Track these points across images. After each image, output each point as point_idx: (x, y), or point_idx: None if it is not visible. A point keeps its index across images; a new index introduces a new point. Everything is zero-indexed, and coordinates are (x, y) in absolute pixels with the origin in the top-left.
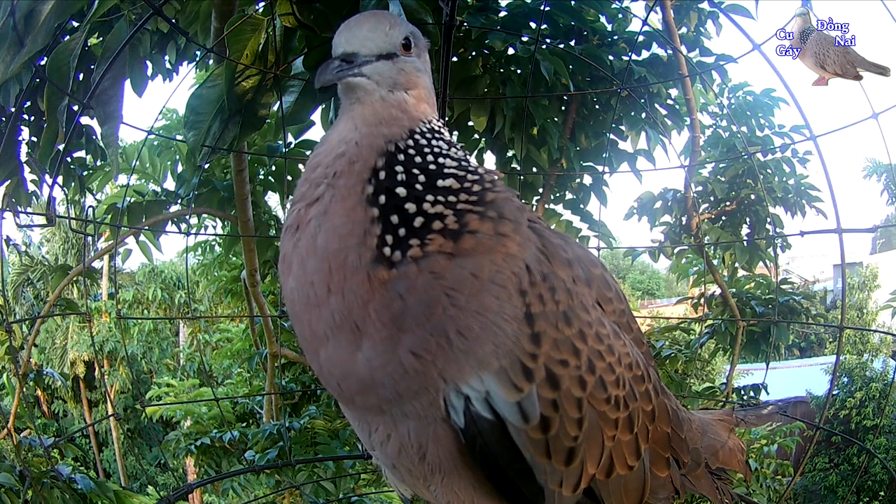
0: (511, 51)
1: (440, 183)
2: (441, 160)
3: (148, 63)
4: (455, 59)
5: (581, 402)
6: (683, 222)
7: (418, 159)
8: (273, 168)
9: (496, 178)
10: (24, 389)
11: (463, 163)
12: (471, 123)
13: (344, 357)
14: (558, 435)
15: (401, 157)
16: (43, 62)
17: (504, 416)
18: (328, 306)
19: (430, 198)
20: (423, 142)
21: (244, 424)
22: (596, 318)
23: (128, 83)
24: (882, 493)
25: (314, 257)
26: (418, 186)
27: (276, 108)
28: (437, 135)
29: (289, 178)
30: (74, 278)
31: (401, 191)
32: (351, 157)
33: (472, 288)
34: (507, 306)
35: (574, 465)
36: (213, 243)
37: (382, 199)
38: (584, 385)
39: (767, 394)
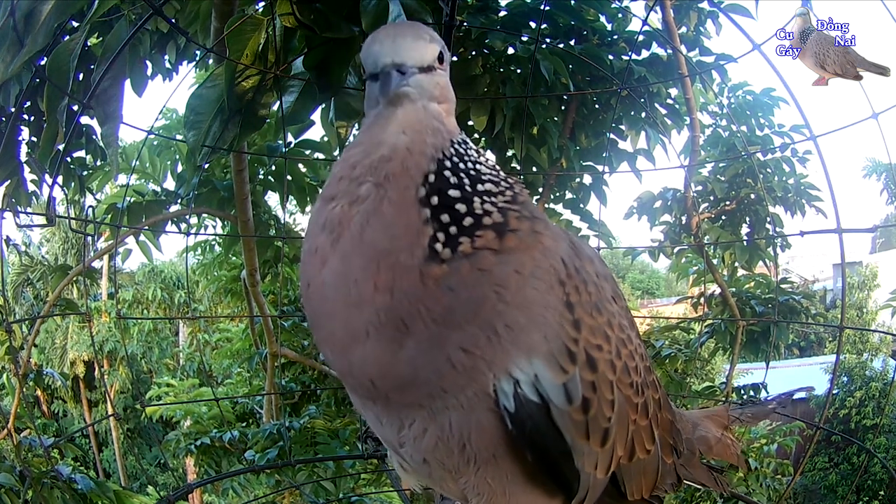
0: (511, 50)
1: (480, 187)
2: (478, 167)
3: (148, 63)
4: (455, 58)
5: (613, 385)
6: (683, 222)
7: (462, 166)
8: (273, 168)
9: (518, 180)
10: (24, 389)
11: (494, 169)
12: (471, 123)
13: (384, 356)
14: (596, 416)
15: (448, 163)
16: (43, 62)
17: (549, 398)
18: (372, 304)
19: (477, 200)
20: (462, 150)
21: (244, 424)
22: (616, 310)
23: (128, 83)
24: (882, 493)
25: (360, 255)
26: (468, 188)
27: (276, 108)
28: (467, 145)
29: (289, 177)
30: (74, 278)
31: (453, 192)
32: (404, 161)
33: (517, 284)
34: (549, 297)
35: (608, 446)
36: (213, 243)
37: (435, 199)
38: (614, 369)
39: (767, 393)
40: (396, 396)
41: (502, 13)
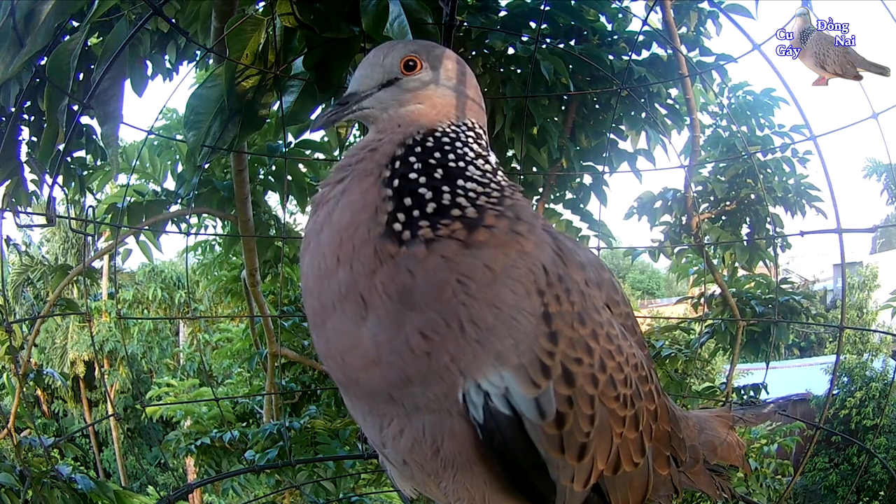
0: (511, 51)
1: (460, 182)
2: (464, 163)
3: (148, 63)
4: None
5: (593, 399)
6: (683, 222)
7: (437, 154)
8: (273, 168)
9: (519, 190)
10: (24, 389)
11: (488, 175)
12: None
13: (349, 328)
14: (572, 431)
15: (417, 149)
16: (43, 62)
17: (521, 411)
18: (336, 277)
19: (446, 188)
20: (446, 140)
21: (244, 424)
22: (606, 319)
23: (128, 83)
24: (882, 493)
25: (328, 230)
26: (436, 176)
27: (276, 108)
28: (461, 142)
29: (289, 177)
30: (74, 278)
31: (413, 176)
32: (373, 147)
33: (485, 278)
34: (524, 302)
35: (585, 460)
36: (213, 243)
37: (396, 182)
38: (596, 383)
39: (767, 393)
40: (364, 378)
41: (502, 13)
